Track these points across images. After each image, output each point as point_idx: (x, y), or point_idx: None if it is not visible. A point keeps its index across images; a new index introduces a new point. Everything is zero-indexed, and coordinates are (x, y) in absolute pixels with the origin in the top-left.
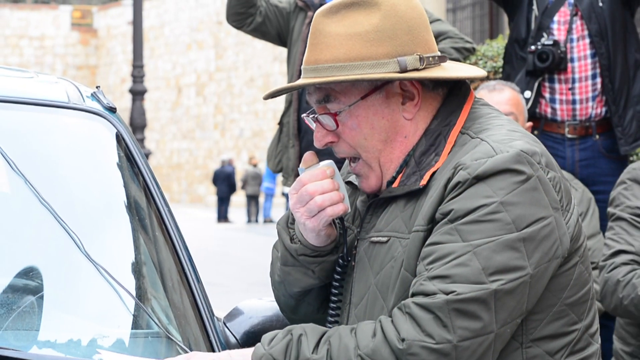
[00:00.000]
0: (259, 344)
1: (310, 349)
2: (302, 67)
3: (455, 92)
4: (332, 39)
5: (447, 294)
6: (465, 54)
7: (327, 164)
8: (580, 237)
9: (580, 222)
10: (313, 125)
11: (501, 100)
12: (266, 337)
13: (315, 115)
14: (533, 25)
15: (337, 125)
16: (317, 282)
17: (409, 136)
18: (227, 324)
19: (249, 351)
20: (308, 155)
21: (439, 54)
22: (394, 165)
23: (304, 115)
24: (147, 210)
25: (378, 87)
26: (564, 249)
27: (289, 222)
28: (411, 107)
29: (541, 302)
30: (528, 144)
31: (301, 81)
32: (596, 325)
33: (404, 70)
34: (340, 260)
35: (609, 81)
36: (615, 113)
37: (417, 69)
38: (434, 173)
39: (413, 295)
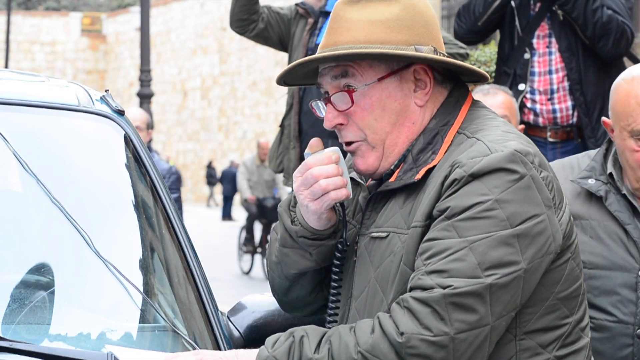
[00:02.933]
0: (262, 347)
1: (312, 349)
2: (318, 51)
3: (455, 94)
4: (352, 23)
5: (444, 288)
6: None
7: (333, 149)
8: (572, 234)
9: (572, 220)
10: (321, 111)
11: (495, 103)
12: (269, 340)
13: (328, 96)
14: (516, 41)
15: (352, 102)
16: (314, 264)
17: (417, 123)
18: (231, 318)
19: (254, 352)
20: (314, 141)
21: (446, 53)
22: (397, 150)
23: (311, 101)
24: (153, 209)
25: (394, 71)
26: (556, 245)
27: (290, 205)
28: (422, 95)
29: (534, 296)
30: (522, 145)
31: (321, 54)
32: (587, 319)
33: None
34: (339, 246)
35: (580, 94)
36: (588, 125)
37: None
38: (430, 170)
39: (411, 289)
